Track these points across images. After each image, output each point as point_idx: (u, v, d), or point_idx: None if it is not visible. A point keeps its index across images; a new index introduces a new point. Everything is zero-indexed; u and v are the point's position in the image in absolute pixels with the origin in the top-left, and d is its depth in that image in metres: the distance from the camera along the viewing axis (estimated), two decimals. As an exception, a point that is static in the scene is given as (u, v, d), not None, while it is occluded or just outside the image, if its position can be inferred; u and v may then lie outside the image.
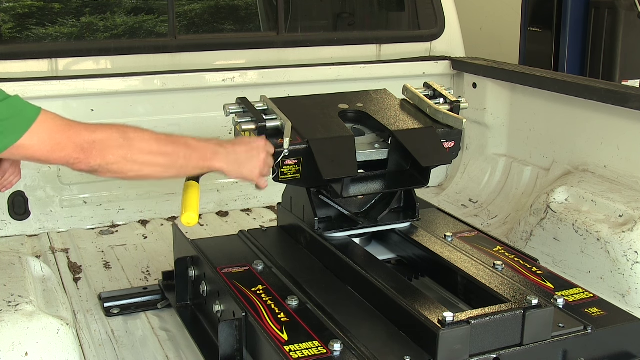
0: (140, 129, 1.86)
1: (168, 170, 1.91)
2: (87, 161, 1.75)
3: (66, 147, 1.72)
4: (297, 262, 2.36)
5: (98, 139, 1.76)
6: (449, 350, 1.76)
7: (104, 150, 1.76)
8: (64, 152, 1.72)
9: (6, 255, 2.07)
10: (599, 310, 2.03)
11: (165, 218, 3.45)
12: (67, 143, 1.72)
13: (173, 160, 1.90)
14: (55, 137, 1.71)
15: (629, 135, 2.93)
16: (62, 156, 1.73)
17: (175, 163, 1.91)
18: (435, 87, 2.51)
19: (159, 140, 1.88)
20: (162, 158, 1.87)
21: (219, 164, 1.99)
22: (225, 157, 2.00)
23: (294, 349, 1.79)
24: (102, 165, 1.77)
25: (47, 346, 1.68)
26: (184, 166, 1.94)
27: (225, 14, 5.14)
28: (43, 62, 3.28)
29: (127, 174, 1.83)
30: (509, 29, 6.81)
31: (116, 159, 1.78)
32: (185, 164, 1.93)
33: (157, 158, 1.86)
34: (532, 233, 2.96)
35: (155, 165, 1.87)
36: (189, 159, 1.93)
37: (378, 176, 2.34)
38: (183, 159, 1.92)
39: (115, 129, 1.81)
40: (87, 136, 1.75)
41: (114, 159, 1.78)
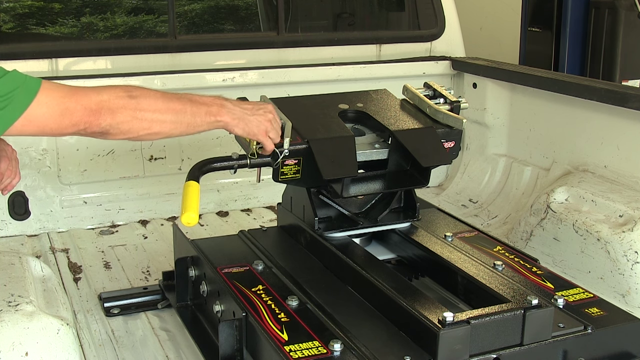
0: (143, 87, 1.86)
1: (177, 127, 1.90)
2: (97, 123, 1.74)
3: (75, 110, 1.71)
4: (297, 262, 2.36)
5: (105, 99, 1.76)
6: (449, 350, 1.76)
7: (113, 110, 1.76)
8: (74, 116, 1.71)
9: (6, 255, 2.07)
10: (599, 310, 2.03)
11: (165, 218, 3.45)
12: (75, 106, 1.71)
13: (181, 116, 1.89)
14: (63, 101, 1.70)
15: (629, 135, 2.93)
16: (72, 121, 1.72)
17: (183, 118, 1.90)
18: (435, 87, 2.51)
19: (165, 96, 1.88)
20: (170, 114, 1.87)
21: (226, 117, 1.98)
22: (232, 111, 1.99)
23: (294, 349, 1.79)
24: (112, 125, 1.77)
25: (47, 346, 1.68)
26: (192, 122, 1.92)
27: (225, 14, 5.14)
28: (43, 62, 3.29)
29: (138, 132, 1.83)
30: (509, 29, 6.81)
31: (125, 118, 1.78)
32: (193, 120, 1.92)
33: (165, 114, 1.86)
34: (532, 233, 2.96)
35: (164, 121, 1.86)
36: (196, 114, 1.92)
37: (378, 176, 2.34)
38: (190, 114, 1.91)
39: (120, 89, 1.81)
40: (94, 97, 1.75)
41: (123, 117, 1.78)
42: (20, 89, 1.66)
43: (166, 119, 1.86)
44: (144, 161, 3.42)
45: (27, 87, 1.67)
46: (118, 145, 3.34)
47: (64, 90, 1.73)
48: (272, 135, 2.08)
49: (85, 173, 3.34)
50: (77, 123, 1.73)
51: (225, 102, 2.00)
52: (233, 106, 2.01)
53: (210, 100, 1.98)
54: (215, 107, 1.97)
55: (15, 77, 1.67)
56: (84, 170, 3.33)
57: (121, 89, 1.81)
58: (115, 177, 3.39)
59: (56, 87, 1.72)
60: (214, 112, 1.96)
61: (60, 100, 1.70)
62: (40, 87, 1.68)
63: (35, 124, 1.68)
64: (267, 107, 2.09)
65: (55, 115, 1.70)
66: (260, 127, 2.05)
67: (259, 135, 2.06)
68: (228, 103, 2.01)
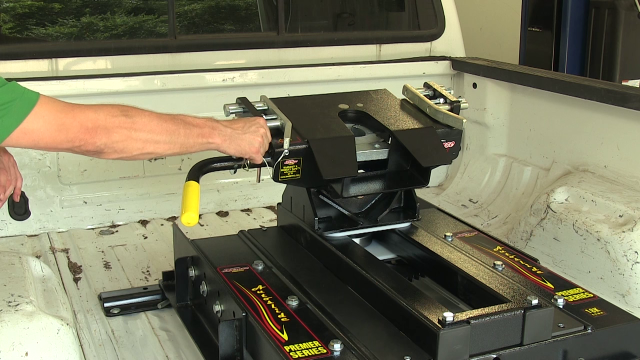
0: (138, 108, 1.88)
1: (170, 147, 1.92)
2: (92, 141, 1.76)
3: (71, 127, 1.72)
4: (297, 262, 2.36)
5: (101, 117, 1.77)
6: (449, 350, 1.76)
7: (108, 129, 1.77)
8: (70, 132, 1.72)
9: (6, 255, 2.07)
10: (599, 310, 2.03)
11: (165, 218, 3.45)
12: (72, 123, 1.72)
13: (174, 137, 1.91)
14: (59, 117, 1.71)
15: (629, 135, 2.93)
16: (68, 137, 1.72)
17: (176, 139, 1.92)
18: (435, 87, 2.51)
19: (159, 117, 1.90)
20: (164, 135, 1.89)
21: (217, 139, 2.00)
22: (223, 132, 2.02)
23: (294, 349, 1.79)
24: (107, 145, 1.78)
25: (47, 346, 1.68)
26: (185, 142, 1.94)
27: (225, 14, 5.14)
28: (43, 62, 3.29)
29: (131, 152, 1.84)
30: (509, 29, 6.81)
31: (120, 137, 1.80)
32: (186, 141, 1.94)
33: (159, 135, 1.88)
34: (532, 233, 2.96)
35: (158, 142, 1.88)
36: (189, 136, 1.94)
37: (378, 176, 2.34)
38: (183, 135, 1.93)
39: (117, 108, 1.82)
40: (91, 115, 1.76)
41: (118, 137, 1.79)
42: (18, 100, 1.67)
43: (160, 140, 1.88)
44: (144, 161, 3.42)
45: (25, 98, 1.68)
46: (118, 145, 3.34)
47: (61, 105, 1.74)
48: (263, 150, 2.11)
49: (85, 173, 3.34)
50: (72, 139, 1.74)
51: (216, 124, 2.03)
52: (224, 127, 2.03)
53: (202, 122, 2.00)
54: (207, 129, 1.99)
55: (14, 88, 1.68)
56: (84, 170, 3.33)
57: (117, 109, 1.82)
58: (115, 177, 3.39)
59: (54, 102, 1.73)
60: (205, 134, 1.98)
61: (58, 115, 1.71)
62: (38, 100, 1.69)
63: (31, 136, 1.69)
64: (258, 123, 2.11)
65: (52, 130, 1.71)
66: (253, 145, 2.07)
67: (250, 154, 2.08)
68: (219, 125, 2.03)
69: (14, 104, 1.66)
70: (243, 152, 2.07)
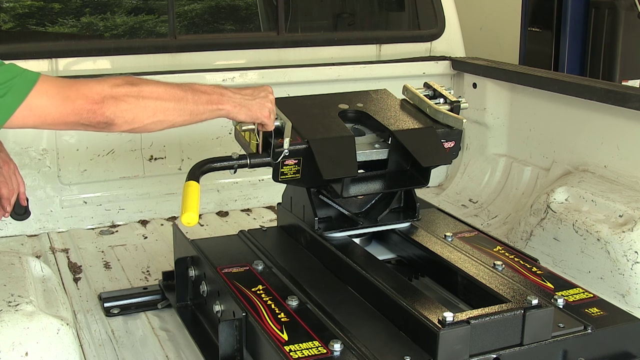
0: (142, 78, 1.85)
1: (181, 114, 1.89)
2: (101, 112, 1.72)
3: (77, 98, 1.69)
4: (297, 262, 2.36)
5: (106, 88, 1.74)
6: (449, 350, 1.76)
7: (115, 98, 1.74)
8: (76, 103, 1.69)
9: (6, 255, 2.07)
10: (599, 310, 2.03)
11: (165, 218, 3.45)
12: (76, 95, 1.69)
13: (183, 103, 1.88)
14: (63, 90, 1.69)
15: (629, 135, 2.93)
16: (75, 109, 1.69)
17: (185, 106, 1.89)
18: (435, 87, 2.51)
19: (166, 85, 1.87)
20: (172, 102, 1.86)
21: (227, 105, 1.98)
22: (232, 99, 1.99)
23: (294, 349, 1.79)
24: (116, 114, 1.74)
25: (47, 346, 1.68)
26: (194, 110, 1.91)
27: (225, 14, 5.14)
28: (43, 62, 3.28)
29: (142, 120, 1.80)
30: (509, 29, 6.81)
31: (129, 105, 1.76)
32: (195, 107, 1.91)
33: (168, 102, 1.84)
34: (532, 233, 2.96)
35: (167, 108, 1.85)
36: (197, 102, 1.91)
37: (378, 176, 2.34)
38: (192, 102, 1.90)
39: (121, 78, 1.80)
40: (95, 87, 1.73)
41: (126, 105, 1.76)
42: (18, 78, 1.64)
43: (169, 107, 1.85)
44: (144, 161, 3.42)
45: (25, 76, 1.66)
46: (118, 145, 3.34)
47: (63, 80, 1.72)
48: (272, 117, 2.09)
49: (85, 173, 3.34)
50: (79, 111, 1.70)
51: (224, 91, 2.00)
52: (233, 94, 2.01)
53: (210, 89, 1.98)
54: (215, 95, 1.97)
55: (13, 68, 1.66)
56: (84, 170, 3.33)
57: (121, 79, 1.79)
58: (115, 177, 3.39)
59: (55, 78, 1.71)
60: (214, 101, 1.96)
61: (60, 89, 1.69)
62: (39, 77, 1.67)
63: (37, 113, 1.66)
64: (266, 89, 2.10)
65: (57, 104, 1.67)
66: (264, 110, 2.05)
67: (262, 119, 2.06)
68: (227, 91, 2.01)
69: (15, 81, 1.63)
70: (254, 117, 2.04)
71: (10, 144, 3.05)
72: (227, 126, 3.33)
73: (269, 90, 2.10)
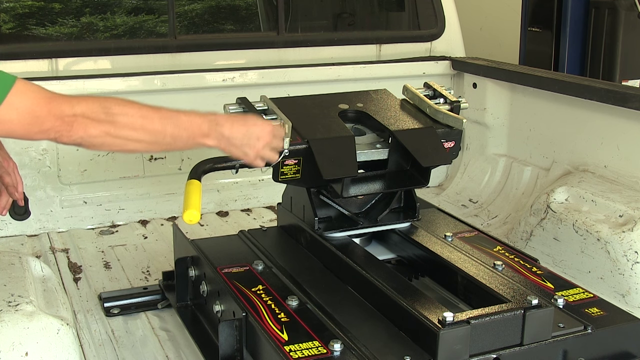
0: (124, 103, 1.77)
1: (154, 147, 1.85)
2: (68, 134, 1.68)
3: (46, 120, 1.63)
4: (297, 262, 2.36)
5: (79, 112, 1.68)
6: (449, 350, 1.76)
7: (86, 124, 1.68)
8: (44, 125, 1.64)
9: (6, 255, 2.07)
10: (599, 310, 2.03)
11: (165, 218, 3.45)
12: (46, 116, 1.63)
13: (160, 138, 1.82)
14: (34, 109, 1.62)
15: (629, 135, 2.93)
16: (42, 129, 1.64)
17: (162, 141, 1.83)
18: (435, 87, 2.51)
19: (145, 117, 1.79)
20: (148, 136, 1.79)
21: (211, 142, 1.91)
22: (219, 137, 1.92)
23: (294, 349, 1.79)
24: (84, 139, 1.70)
25: (47, 346, 1.68)
26: (172, 144, 1.86)
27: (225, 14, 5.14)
28: (43, 62, 3.28)
29: (111, 147, 1.77)
30: (509, 29, 6.81)
31: (98, 133, 1.71)
32: (173, 142, 1.85)
33: (142, 135, 1.78)
34: (532, 233, 2.96)
35: (140, 141, 1.79)
36: (177, 138, 1.85)
37: (378, 176, 2.34)
38: (170, 137, 1.83)
39: (98, 103, 1.72)
40: (68, 110, 1.66)
41: (96, 132, 1.71)
42: None
43: (143, 139, 1.79)
44: (144, 161, 3.42)
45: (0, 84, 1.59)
46: (118, 145, 3.34)
47: (37, 96, 1.64)
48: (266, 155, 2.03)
49: (85, 173, 3.34)
50: (46, 131, 1.65)
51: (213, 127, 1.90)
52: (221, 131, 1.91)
53: (197, 123, 1.88)
54: (200, 133, 1.88)
55: None
56: (84, 170, 3.33)
57: (99, 104, 1.72)
58: (115, 177, 3.39)
59: (30, 91, 1.63)
60: (197, 137, 1.88)
61: (32, 108, 1.62)
62: (13, 85, 1.59)
63: (3, 127, 1.61)
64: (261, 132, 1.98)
65: (24, 122, 1.62)
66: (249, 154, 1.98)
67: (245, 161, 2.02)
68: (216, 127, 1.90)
69: None
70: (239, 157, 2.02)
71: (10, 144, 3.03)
72: (227, 126, 3.33)
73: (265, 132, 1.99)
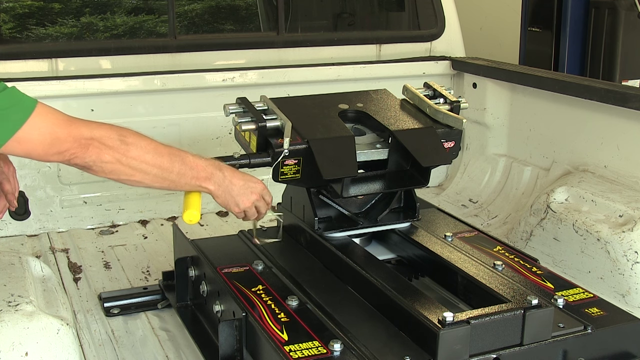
0: (140, 136, 1.86)
1: (160, 182, 1.91)
2: (82, 157, 1.76)
3: (65, 141, 1.72)
4: (297, 262, 2.36)
5: (97, 136, 1.76)
6: (449, 350, 1.76)
7: (100, 149, 1.77)
8: (63, 146, 1.72)
9: (6, 255, 2.07)
10: (599, 310, 2.03)
11: (165, 218, 3.45)
12: (66, 138, 1.72)
13: (166, 173, 1.90)
14: (55, 130, 1.70)
15: (629, 135, 2.93)
16: (60, 150, 1.72)
17: (168, 176, 1.91)
18: (435, 87, 2.52)
19: (157, 151, 1.88)
20: (156, 169, 1.88)
21: (211, 186, 2.00)
22: (219, 182, 2.01)
23: (294, 349, 1.79)
24: (96, 163, 1.78)
25: (47, 346, 1.68)
26: (176, 181, 1.93)
27: (225, 14, 5.14)
28: (43, 62, 3.28)
29: (119, 175, 1.84)
30: (509, 29, 6.81)
31: (111, 159, 1.79)
32: (177, 179, 1.93)
33: (151, 168, 1.86)
34: (532, 233, 2.96)
35: (148, 173, 1.87)
36: (182, 176, 1.93)
37: (378, 176, 2.34)
38: (176, 174, 1.92)
39: (115, 131, 1.81)
40: (86, 132, 1.75)
41: (108, 158, 1.79)
42: (15, 107, 1.66)
43: (150, 172, 1.87)
44: (144, 161, 3.42)
45: (22, 105, 1.67)
46: (118, 145, 3.33)
47: (58, 118, 1.73)
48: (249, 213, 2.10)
49: (85, 173, 3.32)
50: (64, 152, 1.73)
51: (215, 171, 2.00)
52: (223, 176, 2.01)
53: (202, 166, 1.98)
54: (204, 174, 1.97)
55: (12, 94, 1.67)
56: (84, 170, 3.33)
57: (116, 132, 1.80)
58: (115, 177, 3.38)
59: (51, 113, 1.72)
60: (201, 177, 1.97)
61: (53, 129, 1.70)
62: (35, 108, 1.68)
63: (24, 146, 1.68)
64: (256, 187, 2.08)
65: (45, 143, 1.70)
66: (239, 206, 2.06)
67: (234, 211, 2.08)
68: (218, 172, 2.01)
69: (11, 110, 1.65)
70: (229, 208, 2.07)
71: (10, 144, 3.05)
72: (227, 126, 3.33)
73: (257, 189, 2.08)
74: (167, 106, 3.43)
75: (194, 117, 3.47)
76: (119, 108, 3.33)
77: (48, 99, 3.14)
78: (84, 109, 3.26)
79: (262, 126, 2.19)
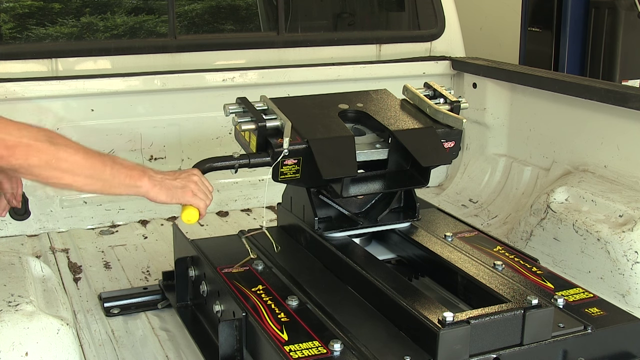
0: (68, 139, 1.81)
1: (92, 183, 1.86)
2: (8, 159, 1.69)
3: None
4: (297, 262, 2.36)
5: (24, 138, 1.70)
6: (449, 350, 1.76)
7: (28, 151, 1.70)
8: None
9: (6, 255, 2.07)
10: (599, 310, 2.03)
11: (165, 218, 3.45)
12: None
13: (98, 173, 1.85)
14: None
15: (629, 135, 2.93)
16: None
17: (100, 176, 1.85)
18: (435, 87, 2.51)
19: (87, 152, 1.82)
20: (87, 170, 1.82)
21: (146, 183, 1.96)
22: (152, 177, 1.98)
23: (294, 349, 1.79)
24: (23, 166, 1.72)
25: (47, 346, 1.68)
26: (109, 181, 1.88)
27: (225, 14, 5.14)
28: (43, 62, 3.28)
29: (47, 179, 1.78)
30: (509, 29, 6.81)
31: (39, 163, 1.73)
32: (111, 179, 1.88)
33: (82, 169, 1.81)
34: (532, 233, 2.96)
35: (78, 175, 1.81)
36: (115, 175, 1.89)
37: (378, 176, 2.34)
38: (109, 174, 1.87)
39: (43, 133, 1.75)
40: (14, 132, 1.69)
41: (36, 162, 1.72)
42: None
43: (81, 173, 1.81)
44: (144, 161, 3.42)
45: None
46: (118, 145, 3.34)
47: None
48: (201, 195, 2.06)
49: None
50: None
51: (146, 169, 1.99)
52: (154, 173, 2.00)
53: (133, 165, 1.95)
54: (136, 172, 1.94)
55: None
56: (84, 170, 3.33)
57: (43, 133, 1.74)
58: (115, 177, 3.38)
59: None
60: (134, 176, 1.93)
61: None
62: None
63: None
64: (190, 171, 2.08)
65: None
66: (186, 190, 2.03)
67: (184, 198, 2.03)
68: (150, 170, 2.00)
69: None
70: (176, 197, 2.02)
71: (10, 144, 3.05)
72: (227, 126, 3.33)
73: (192, 172, 2.08)
74: (167, 106, 3.43)
75: (194, 117, 3.47)
76: (119, 108, 3.33)
77: (48, 99, 3.20)
78: (84, 109, 3.26)
79: (262, 126, 2.19)
